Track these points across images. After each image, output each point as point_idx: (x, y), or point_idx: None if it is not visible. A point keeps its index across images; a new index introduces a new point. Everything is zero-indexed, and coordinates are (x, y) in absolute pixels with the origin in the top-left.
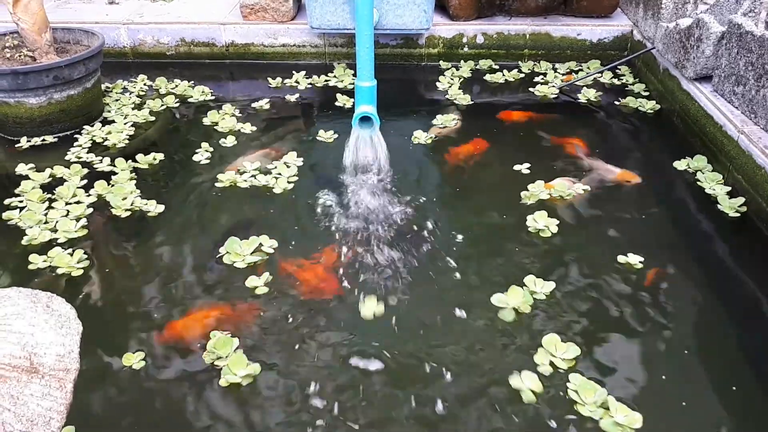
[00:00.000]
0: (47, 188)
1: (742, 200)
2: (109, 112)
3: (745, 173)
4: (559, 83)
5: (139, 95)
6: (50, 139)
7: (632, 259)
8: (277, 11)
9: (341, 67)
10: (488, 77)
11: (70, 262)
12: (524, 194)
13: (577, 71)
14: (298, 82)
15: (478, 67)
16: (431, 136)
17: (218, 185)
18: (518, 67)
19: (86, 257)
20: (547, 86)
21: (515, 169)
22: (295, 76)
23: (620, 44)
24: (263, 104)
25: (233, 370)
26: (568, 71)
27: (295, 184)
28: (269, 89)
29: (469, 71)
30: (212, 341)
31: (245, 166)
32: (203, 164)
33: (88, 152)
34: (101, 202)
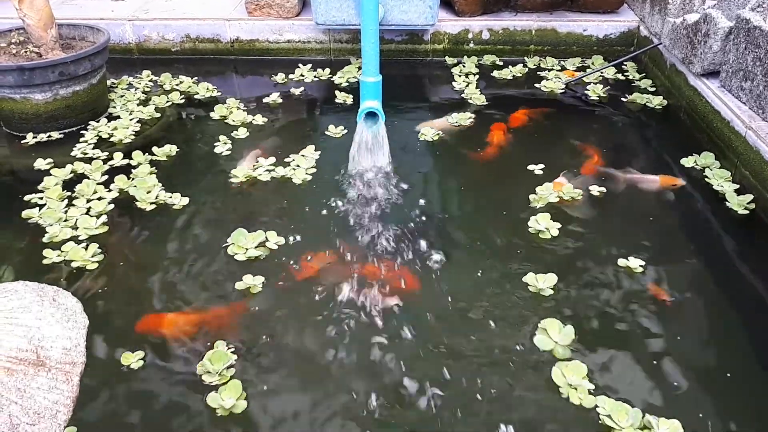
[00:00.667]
0: (66, 185)
1: (750, 197)
2: (114, 108)
3: (752, 169)
4: (564, 78)
5: (144, 91)
6: (56, 135)
7: (632, 263)
8: (282, 7)
9: (354, 66)
10: (496, 73)
11: (84, 255)
12: (533, 197)
13: (584, 68)
14: (303, 75)
15: (483, 62)
16: (438, 132)
17: (234, 180)
18: (524, 62)
19: (100, 251)
20: (553, 82)
21: (529, 169)
22: (301, 69)
23: (627, 40)
24: (269, 100)
25: (222, 395)
26: (576, 68)
27: (312, 176)
28: (275, 85)
29: (474, 67)
30: (210, 354)
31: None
32: (223, 156)
33: (93, 148)
34: (123, 196)
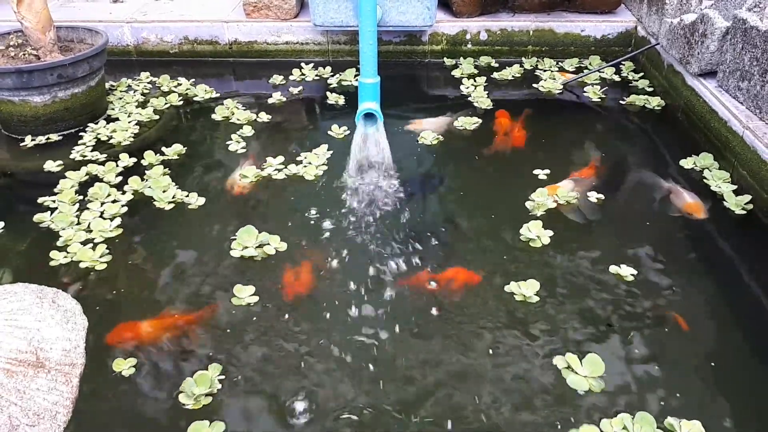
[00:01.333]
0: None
1: (748, 197)
2: (113, 110)
3: (750, 169)
4: (561, 79)
5: (143, 93)
6: (54, 137)
7: (623, 271)
8: (280, 9)
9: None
10: (496, 75)
11: (93, 256)
12: (530, 205)
13: (581, 69)
14: (303, 74)
15: (480, 63)
16: (437, 136)
17: (246, 180)
18: (520, 62)
19: (108, 251)
20: (550, 82)
21: (534, 173)
22: (303, 69)
23: (624, 40)
24: (269, 101)
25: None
26: (575, 69)
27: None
28: (272, 87)
29: (473, 68)
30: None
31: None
32: (235, 156)
33: (92, 150)
34: (138, 197)
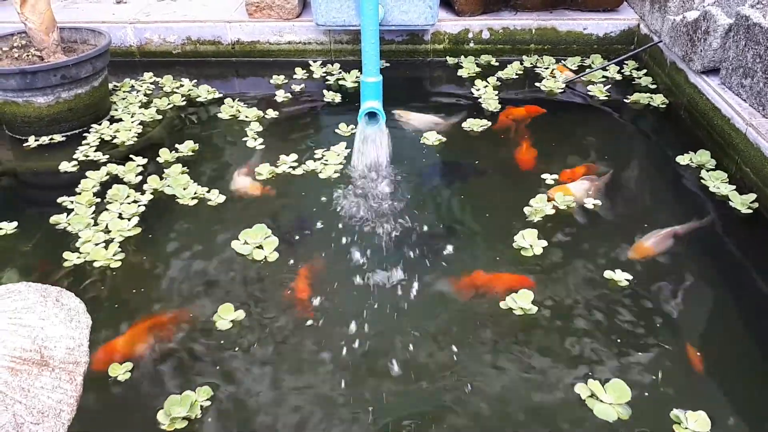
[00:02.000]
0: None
1: (753, 196)
2: (116, 110)
3: (753, 166)
4: (561, 77)
5: (146, 94)
6: (58, 137)
7: (618, 276)
8: (282, 8)
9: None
10: (501, 74)
11: (106, 255)
12: (528, 210)
13: (584, 67)
14: (307, 73)
15: (480, 61)
16: (439, 137)
17: (260, 178)
18: (521, 60)
19: (120, 250)
20: (551, 81)
21: (540, 176)
22: (311, 66)
23: (627, 38)
24: (273, 100)
25: None
26: (577, 67)
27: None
28: (275, 86)
29: (475, 66)
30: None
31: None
32: (253, 152)
33: (95, 150)
34: (158, 196)
